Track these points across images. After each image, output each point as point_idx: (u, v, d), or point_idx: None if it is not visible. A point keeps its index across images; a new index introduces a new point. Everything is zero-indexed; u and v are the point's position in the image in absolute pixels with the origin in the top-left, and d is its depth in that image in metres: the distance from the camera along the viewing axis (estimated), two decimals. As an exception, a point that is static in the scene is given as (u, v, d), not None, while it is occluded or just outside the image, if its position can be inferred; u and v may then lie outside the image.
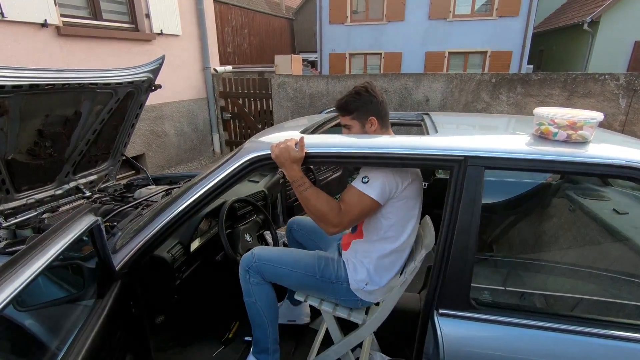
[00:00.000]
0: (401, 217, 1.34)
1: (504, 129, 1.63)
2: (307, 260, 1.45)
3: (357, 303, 1.42)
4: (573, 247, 1.73)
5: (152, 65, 2.14)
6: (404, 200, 1.31)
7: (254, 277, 1.43)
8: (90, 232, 0.91)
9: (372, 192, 1.25)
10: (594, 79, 4.33)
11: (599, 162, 1.02)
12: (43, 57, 3.58)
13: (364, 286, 1.38)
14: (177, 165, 5.67)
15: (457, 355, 1.02)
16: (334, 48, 12.95)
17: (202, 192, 1.26)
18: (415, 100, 5.08)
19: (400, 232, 1.35)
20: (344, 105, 1.36)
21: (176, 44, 5.33)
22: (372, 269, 1.37)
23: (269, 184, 2.34)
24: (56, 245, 0.69)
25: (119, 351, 1.11)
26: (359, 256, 1.40)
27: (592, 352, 1.01)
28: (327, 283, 1.41)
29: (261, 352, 1.49)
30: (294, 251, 1.53)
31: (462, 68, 12.07)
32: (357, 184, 1.29)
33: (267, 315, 1.46)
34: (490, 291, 1.26)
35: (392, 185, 1.27)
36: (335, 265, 1.44)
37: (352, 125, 1.37)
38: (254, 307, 1.45)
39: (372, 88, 1.36)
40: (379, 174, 1.27)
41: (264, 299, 1.45)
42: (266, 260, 1.43)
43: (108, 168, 2.40)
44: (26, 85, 1.51)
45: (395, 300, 1.32)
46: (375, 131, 1.36)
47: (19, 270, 0.60)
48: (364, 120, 1.35)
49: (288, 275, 1.43)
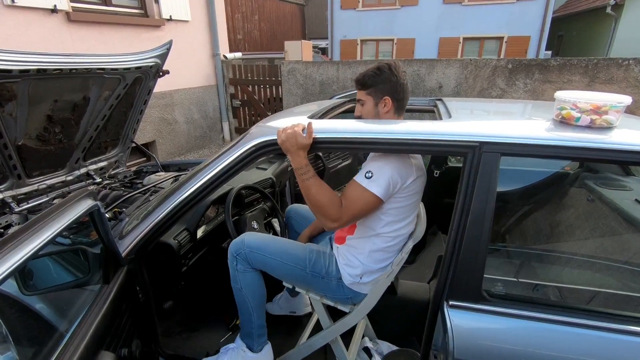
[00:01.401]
0: (401, 213, 1.28)
1: (521, 114, 1.55)
2: (298, 253, 1.42)
3: (347, 300, 1.39)
4: (591, 238, 1.67)
5: (159, 50, 2.11)
6: (406, 197, 1.26)
7: (241, 264, 1.41)
8: (92, 218, 0.90)
9: (375, 188, 1.19)
10: (617, 64, 4.14)
11: (627, 149, 0.95)
12: (53, 43, 3.59)
13: (359, 280, 1.35)
14: (187, 152, 5.69)
15: (468, 348, 0.99)
16: (346, 34, 12.71)
17: (208, 178, 1.24)
18: (428, 87, 4.96)
19: (397, 228, 1.30)
20: (362, 78, 1.31)
21: (185, 30, 5.29)
22: (368, 262, 1.34)
23: (277, 171, 2.32)
24: (49, 228, 0.68)
25: (126, 336, 1.11)
26: (354, 251, 1.36)
27: (608, 348, 0.97)
28: (317, 278, 1.39)
29: (246, 336, 1.48)
30: (285, 241, 1.50)
31: (477, 54, 11.72)
32: (359, 178, 1.23)
33: (252, 302, 1.44)
34: (504, 283, 1.22)
35: (396, 180, 1.21)
36: (326, 260, 1.40)
37: (366, 101, 1.32)
38: (239, 294, 1.44)
39: (396, 67, 1.30)
40: (384, 168, 1.21)
41: (250, 286, 1.43)
42: (255, 248, 1.40)
43: (118, 154, 2.40)
44: (33, 69, 1.50)
45: (382, 290, 1.31)
46: (387, 113, 1.31)
47: (5, 255, 0.58)
48: (378, 98, 1.30)
49: (277, 265, 1.41)
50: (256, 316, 1.46)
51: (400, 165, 1.22)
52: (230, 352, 1.49)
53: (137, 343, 1.17)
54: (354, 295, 1.37)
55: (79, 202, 0.81)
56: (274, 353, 1.60)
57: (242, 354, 1.47)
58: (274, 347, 1.64)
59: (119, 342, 1.06)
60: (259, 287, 1.46)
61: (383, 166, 1.21)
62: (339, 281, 1.37)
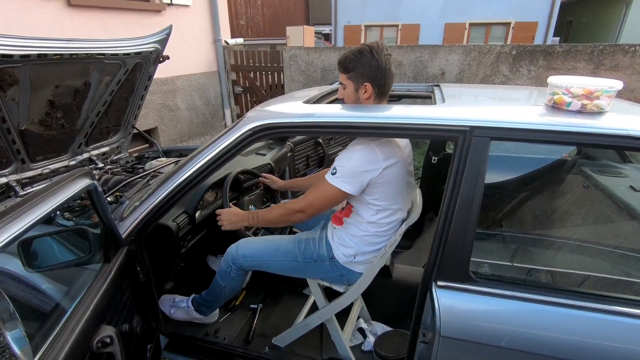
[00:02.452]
0: (388, 200, 1.31)
1: (515, 100, 1.56)
2: (287, 246, 1.49)
3: (342, 279, 1.44)
4: (584, 224, 1.69)
5: (159, 35, 2.12)
6: (388, 183, 1.27)
7: (235, 272, 1.54)
8: (90, 197, 0.93)
9: (338, 183, 1.24)
10: (623, 50, 4.07)
11: (614, 134, 0.96)
12: (54, 28, 3.59)
13: (352, 259, 1.40)
14: (189, 139, 5.72)
15: (453, 326, 1.03)
16: (349, 20, 12.51)
17: (206, 160, 1.26)
18: (431, 73, 4.91)
19: (387, 215, 1.34)
20: (343, 61, 1.27)
21: (186, 15, 5.25)
22: (361, 244, 1.38)
23: (276, 157, 2.34)
24: (45, 204, 0.70)
25: (127, 313, 1.16)
26: (349, 233, 1.40)
27: (591, 327, 1.00)
28: (310, 263, 1.45)
29: (203, 306, 1.68)
30: (274, 239, 1.57)
31: (483, 40, 11.50)
32: (328, 176, 1.27)
33: (226, 296, 1.63)
34: (492, 265, 1.25)
35: (365, 174, 1.23)
36: (316, 244, 1.46)
37: (347, 85, 1.29)
38: (219, 287, 1.59)
39: (378, 50, 1.23)
40: (347, 164, 1.24)
41: (233, 288, 1.60)
42: (249, 256, 1.51)
43: (119, 140, 2.44)
44: (34, 54, 1.52)
45: (376, 271, 1.35)
46: (368, 99, 1.28)
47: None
48: (359, 83, 1.27)
49: (271, 264, 1.51)
50: (221, 303, 1.67)
51: (366, 156, 1.23)
52: (183, 308, 1.70)
53: (138, 320, 1.22)
54: (347, 272, 1.42)
55: (76, 180, 0.83)
56: (271, 334, 1.66)
57: (192, 315, 1.70)
58: (270, 327, 1.70)
59: (120, 318, 1.10)
60: (239, 286, 1.62)
61: (346, 162, 1.25)
62: (332, 260, 1.42)
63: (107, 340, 0.93)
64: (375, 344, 1.57)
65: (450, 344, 1.04)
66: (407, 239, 2.35)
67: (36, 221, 0.67)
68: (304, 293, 1.98)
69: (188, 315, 1.69)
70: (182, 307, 1.70)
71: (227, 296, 1.63)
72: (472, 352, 1.06)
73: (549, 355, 0.99)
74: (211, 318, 1.75)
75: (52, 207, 0.71)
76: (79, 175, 0.86)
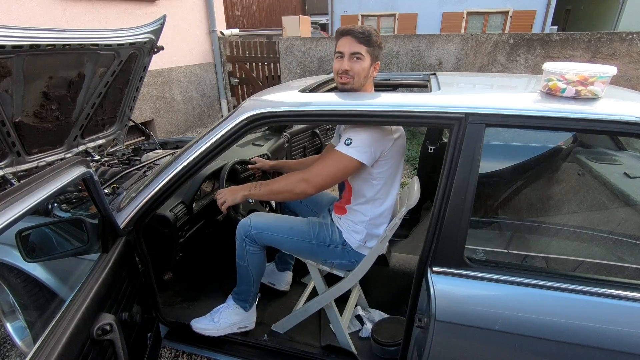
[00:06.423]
0: (389, 176, 1.35)
1: (510, 87, 1.56)
2: (302, 227, 1.49)
3: (353, 265, 1.45)
4: (579, 211, 1.71)
5: (153, 25, 2.09)
6: (392, 159, 1.32)
7: (250, 245, 1.49)
8: (86, 185, 0.93)
9: (354, 154, 1.23)
10: (620, 38, 4.06)
11: (607, 119, 0.97)
12: (46, 19, 3.54)
13: (364, 244, 1.43)
14: (185, 131, 5.69)
15: (448, 311, 1.05)
16: (346, 9, 12.39)
17: (202, 150, 1.26)
18: (428, 63, 4.89)
19: (387, 192, 1.38)
20: (368, 35, 1.25)
21: (181, 5, 5.18)
22: (369, 227, 1.41)
23: (273, 147, 2.34)
24: (39, 192, 0.70)
25: (126, 301, 1.17)
26: (356, 218, 1.43)
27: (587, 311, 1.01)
28: (323, 246, 1.45)
29: (241, 301, 1.60)
30: (288, 218, 1.56)
31: (481, 30, 11.44)
32: (340, 147, 1.26)
33: (255, 277, 1.54)
34: (487, 251, 1.26)
35: (379, 143, 1.26)
36: (329, 230, 1.47)
37: (365, 59, 1.27)
38: (245, 270, 1.53)
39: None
40: (362, 134, 1.24)
41: (256, 264, 1.53)
42: (262, 228, 1.47)
43: (115, 132, 2.42)
44: (26, 45, 1.50)
45: (376, 255, 1.36)
46: (370, 81, 1.34)
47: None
48: (374, 60, 1.30)
49: (284, 241, 1.48)
50: (255, 287, 1.57)
51: (379, 129, 1.27)
52: (225, 310, 1.60)
53: (138, 309, 1.23)
54: (359, 258, 1.44)
55: (71, 168, 0.83)
56: (270, 320, 1.68)
57: (236, 311, 1.59)
58: (269, 314, 1.72)
59: (119, 307, 1.11)
60: (264, 264, 1.56)
61: (362, 133, 1.25)
62: (344, 247, 1.44)
63: (107, 328, 0.94)
64: (372, 330, 1.59)
65: (445, 328, 1.06)
66: (404, 228, 2.37)
67: (30, 208, 0.67)
68: (302, 282, 2.00)
69: (234, 316, 1.58)
70: (224, 311, 1.60)
71: (255, 278, 1.54)
72: (466, 336, 1.08)
73: (542, 338, 1.01)
74: (251, 317, 1.63)
75: (47, 195, 0.72)
76: (74, 163, 0.86)
